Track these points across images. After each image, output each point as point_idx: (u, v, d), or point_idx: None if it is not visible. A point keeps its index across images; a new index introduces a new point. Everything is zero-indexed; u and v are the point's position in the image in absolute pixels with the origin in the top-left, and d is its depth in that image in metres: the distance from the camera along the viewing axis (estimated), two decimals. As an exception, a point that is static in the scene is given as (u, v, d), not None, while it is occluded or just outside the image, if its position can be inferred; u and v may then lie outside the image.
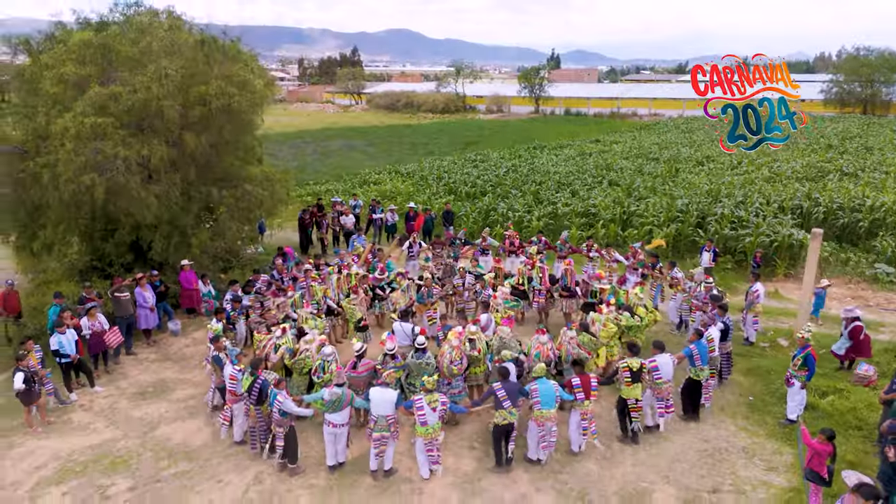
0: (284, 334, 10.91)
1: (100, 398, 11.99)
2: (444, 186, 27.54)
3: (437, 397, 9.04)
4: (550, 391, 9.33)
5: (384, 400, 9.11)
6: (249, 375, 9.63)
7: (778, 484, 9.23)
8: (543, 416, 9.30)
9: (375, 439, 9.13)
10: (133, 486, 9.49)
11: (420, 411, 8.96)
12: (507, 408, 9.15)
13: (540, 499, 9.09)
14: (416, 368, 10.08)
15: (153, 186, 13.11)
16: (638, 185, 24.75)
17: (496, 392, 9.18)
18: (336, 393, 9.05)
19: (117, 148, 12.20)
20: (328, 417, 9.19)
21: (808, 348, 10.29)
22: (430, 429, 9.06)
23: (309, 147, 45.99)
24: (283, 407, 9.10)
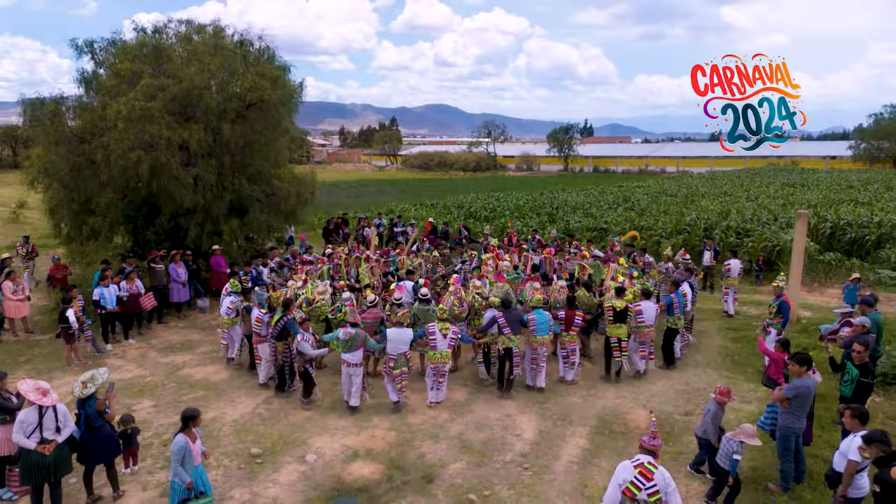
0: (305, 285, 12.03)
1: (132, 349, 13.17)
2: (464, 212, 28.82)
3: (449, 325, 9.97)
4: (545, 320, 10.36)
5: (401, 338, 9.89)
6: (280, 312, 10.59)
7: (747, 411, 9.77)
8: (538, 341, 10.37)
9: (396, 376, 9.88)
10: (155, 405, 10.51)
11: (432, 336, 9.89)
12: (506, 334, 10.14)
13: (523, 418, 9.79)
14: (423, 315, 11.01)
15: (191, 169, 14.65)
16: (652, 209, 25.63)
17: (498, 319, 10.16)
18: (350, 332, 9.85)
19: (162, 130, 13.82)
20: (343, 356, 9.98)
21: (783, 297, 10.94)
22: (438, 353, 9.93)
23: (343, 192, 48.15)
24: (299, 347, 9.93)
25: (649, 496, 5.56)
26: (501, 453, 8.72)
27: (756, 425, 7.83)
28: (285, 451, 8.83)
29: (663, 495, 5.61)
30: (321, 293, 11.70)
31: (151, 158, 13.88)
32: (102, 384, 7.46)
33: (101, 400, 7.40)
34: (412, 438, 9.11)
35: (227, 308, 11.42)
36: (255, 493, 7.79)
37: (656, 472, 5.64)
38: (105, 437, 7.38)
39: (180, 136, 14.26)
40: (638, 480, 5.62)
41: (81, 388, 7.22)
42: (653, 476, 5.62)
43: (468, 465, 8.40)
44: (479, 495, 7.67)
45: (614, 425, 9.40)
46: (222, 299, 11.84)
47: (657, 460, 5.78)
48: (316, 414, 9.98)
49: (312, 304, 11.67)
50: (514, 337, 10.21)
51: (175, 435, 6.58)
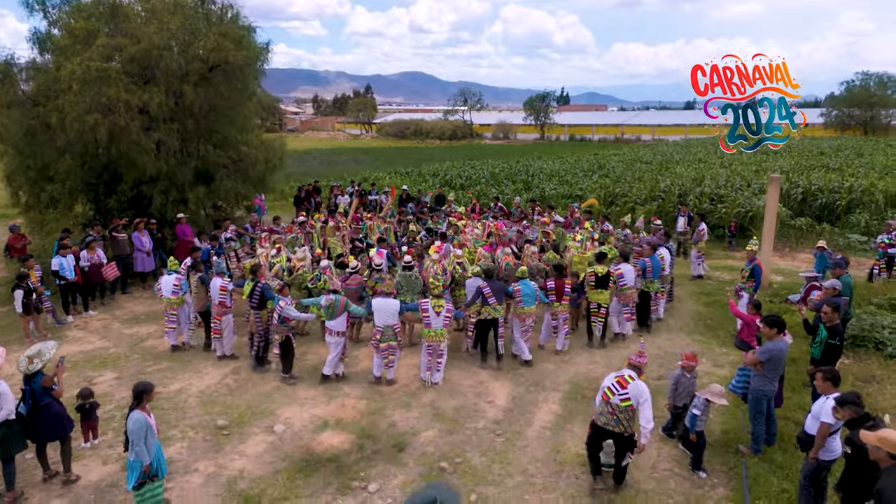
0: (279, 253, 11.68)
1: (94, 321, 12.76)
2: (439, 180, 28.49)
3: (443, 303, 9.53)
4: (531, 291, 10.12)
5: (387, 309, 9.45)
6: (250, 281, 10.18)
7: (720, 374, 9.78)
8: (525, 312, 10.13)
9: (383, 349, 9.47)
10: (118, 377, 10.18)
11: (425, 313, 9.53)
12: (492, 304, 9.87)
13: (496, 385, 9.68)
14: (406, 282, 10.79)
15: (153, 134, 14.09)
16: (626, 176, 25.55)
17: (483, 290, 9.90)
18: (331, 299, 9.53)
19: (119, 93, 13.22)
20: (327, 324, 9.69)
21: (756, 261, 10.92)
22: (432, 332, 9.49)
23: (316, 160, 47.33)
24: (284, 312, 9.49)
25: (621, 401, 6.39)
26: (473, 420, 8.61)
27: (728, 388, 7.80)
28: (253, 421, 8.61)
29: (634, 403, 6.37)
30: (301, 260, 11.37)
31: (109, 122, 13.30)
32: (50, 359, 7.13)
33: (47, 377, 7.06)
34: (383, 407, 8.95)
35: (174, 286, 10.70)
36: (220, 465, 7.58)
37: (632, 383, 6.42)
38: (52, 414, 7.06)
39: (139, 99, 13.67)
40: (614, 387, 6.49)
41: (27, 363, 6.88)
42: (627, 385, 6.42)
43: (440, 432, 8.27)
44: (451, 463, 7.55)
45: (587, 390, 9.34)
46: (161, 281, 11.06)
47: (641, 377, 6.54)
48: (285, 384, 9.75)
49: (294, 273, 11.33)
50: (500, 307, 9.97)
51: (129, 412, 6.28)
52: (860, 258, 17.63)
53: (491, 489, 7.00)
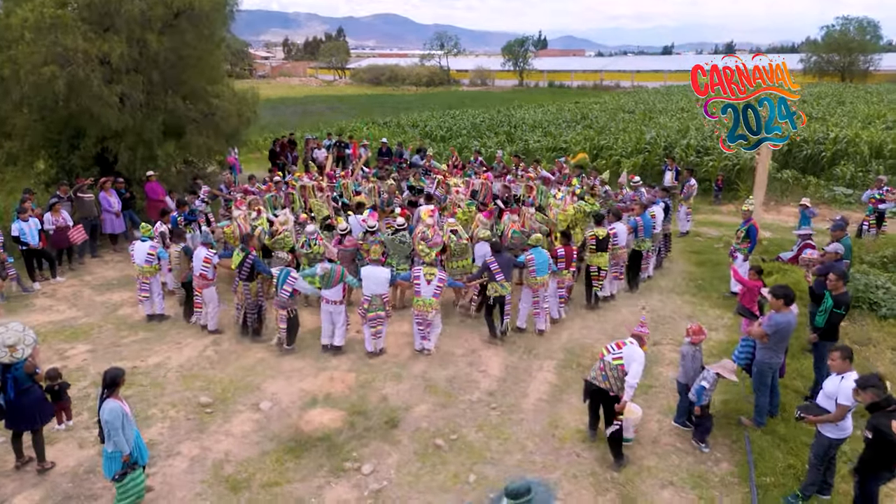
0: (260, 216, 11.07)
1: (63, 287, 12.14)
2: (419, 132, 27.70)
3: (435, 271, 9.09)
4: (545, 259, 9.60)
5: (377, 278, 9.04)
6: (240, 252, 9.53)
7: (716, 339, 9.60)
8: (538, 282, 9.59)
9: (370, 319, 9.09)
10: (92, 349, 9.68)
11: (417, 281, 9.08)
12: (499, 280, 9.35)
13: (488, 353, 9.39)
14: (392, 246, 10.34)
15: (115, 86, 13.17)
16: (610, 127, 25.05)
17: (490, 265, 9.37)
18: (327, 268, 9.03)
19: (77, 42, 12.26)
20: (323, 293, 9.20)
21: (751, 221, 10.65)
22: (422, 300, 9.06)
23: (289, 110, 45.82)
24: (296, 285, 9.02)
25: (613, 359, 6.47)
26: (467, 392, 8.34)
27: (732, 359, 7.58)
28: (237, 398, 8.23)
29: (626, 364, 6.36)
30: (283, 223, 10.78)
31: (67, 74, 12.36)
32: (31, 345, 6.61)
33: (29, 362, 6.58)
34: (373, 380, 8.62)
35: (148, 255, 10.04)
36: (205, 447, 7.22)
37: (628, 346, 6.46)
38: (35, 399, 6.60)
39: (99, 48, 12.70)
40: (611, 346, 6.62)
41: (9, 352, 6.34)
42: (622, 347, 6.48)
43: (433, 406, 7.99)
44: (446, 439, 7.29)
45: (582, 358, 9.10)
46: (133, 247, 10.36)
47: (643, 347, 6.52)
48: (270, 356, 9.36)
49: (275, 237, 10.77)
50: (507, 284, 9.44)
51: (101, 401, 5.84)
52: (846, 211, 17.56)
53: (489, 468, 6.76)
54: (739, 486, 6.31)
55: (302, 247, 10.45)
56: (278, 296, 9.13)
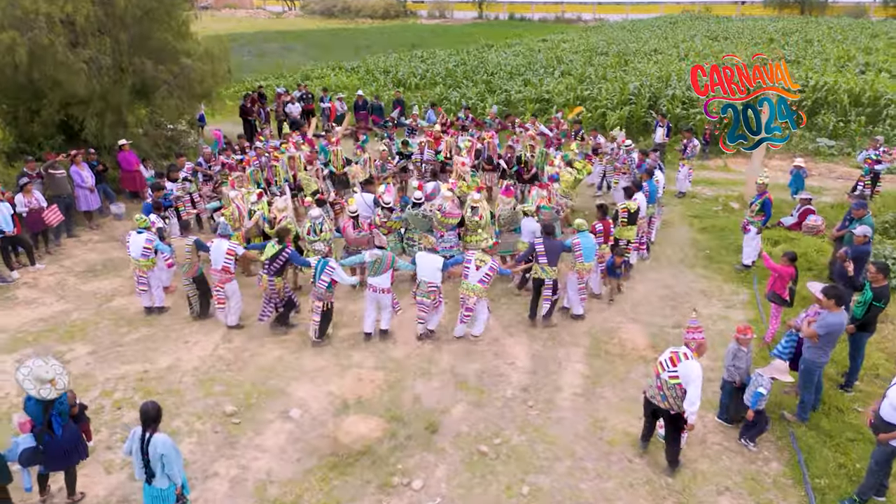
0: (260, 199, 10.39)
1: (44, 275, 11.35)
2: (391, 79, 26.58)
3: (487, 259, 8.79)
4: (591, 244, 9.37)
5: (430, 266, 8.82)
6: (277, 244, 8.96)
7: (736, 318, 9.59)
8: (584, 268, 9.42)
9: (419, 303, 8.99)
10: (93, 350, 9.11)
11: (467, 264, 8.84)
12: (541, 263, 9.13)
13: (512, 341, 9.22)
14: (413, 220, 10.04)
15: (81, 51, 12.00)
16: (590, 74, 24.48)
17: (535, 247, 9.13)
18: (376, 254, 8.74)
19: (38, 3, 11.03)
20: (369, 280, 8.89)
21: (766, 194, 10.57)
22: (466, 285, 8.85)
23: (243, 49, 43.37)
24: (334, 275, 8.66)
25: (670, 377, 6.16)
26: (499, 388, 8.18)
27: (772, 354, 7.59)
28: (263, 404, 7.89)
29: (683, 382, 6.08)
30: (282, 210, 10.17)
31: (29, 41, 11.18)
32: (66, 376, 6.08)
33: (71, 393, 6.09)
34: (402, 378, 8.37)
35: (144, 249, 9.37)
36: (242, 466, 6.91)
37: (683, 362, 6.10)
38: (74, 434, 6.12)
39: (62, 9, 11.47)
40: (665, 362, 6.24)
41: (51, 387, 5.77)
42: (678, 363, 6.12)
43: (469, 406, 7.82)
44: (490, 444, 7.16)
45: (608, 345, 9.01)
46: (128, 238, 9.66)
47: (695, 354, 6.19)
48: (287, 353, 8.98)
49: (275, 225, 10.14)
50: (550, 269, 9.19)
51: (145, 439, 5.43)
52: (829, 164, 17.75)
53: (542, 478, 6.67)
54: (794, 488, 6.39)
55: (308, 233, 9.89)
56: (316, 287, 8.76)
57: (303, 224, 10.19)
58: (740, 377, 6.98)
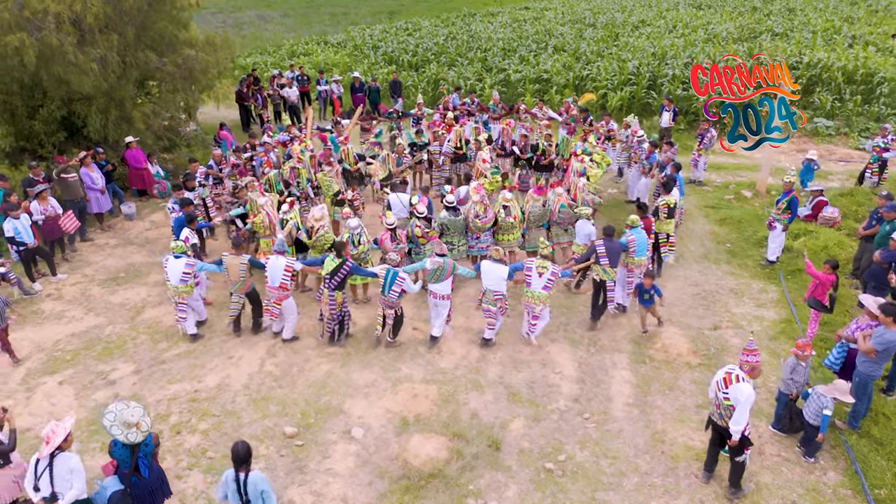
0: (292, 208, 10.22)
1: (67, 286, 11.12)
2: (382, 56, 26.07)
3: (548, 265, 8.88)
4: (644, 240, 9.71)
5: (495, 274, 8.91)
6: (336, 258, 8.87)
7: (769, 318, 9.90)
8: (635, 262, 9.74)
9: (485, 310, 9.15)
10: (137, 369, 9.02)
11: (528, 272, 8.93)
12: (603, 265, 9.34)
13: (554, 348, 9.37)
14: (452, 225, 10.08)
15: (91, 50, 11.52)
16: (584, 50, 24.31)
17: (596, 248, 9.34)
18: (437, 262, 8.82)
19: (46, 2, 10.51)
20: (430, 286, 9.04)
21: (792, 192, 10.78)
22: (530, 293, 8.96)
23: (216, 19, 41.94)
24: (404, 286, 8.77)
25: (724, 399, 6.37)
26: (551, 399, 8.35)
27: (824, 364, 7.84)
28: (323, 424, 7.94)
29: (734, 403, 6.25)
30: (319, 219, 10.02)
31: (38, 42, 10.69)
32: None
33: (155, 434, 6.06)
34: (455, 391, 8.47)
35: (184, 274, 9.01)
36: (316, 492, 6.99)
37: (734, 385, 6.27)
38: (157, 474, 6.09)
39: (71, 8, 10.96)
40: (720, 383, 6.44)
41: (137, 430, 5.70)
42: (730, 385, 6.31)
43: (526, 420, 7.97)
44: (555, 461, 7.35)
45: (651, 350, 9.21)
46: (164, 262, 9.24)
47: (749, 375, 6.32)
48: (335, 366, 9.00)
49: (315, 235, 10.02)
50: (612, 270, 9.38)
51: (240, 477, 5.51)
52: (829, 145, 18.10)
53: (612, 495, 6.89)
54: (854, 499, 6.71)
55: (346, 244, 9.81)
56: (387, 296, 8.86)
57: (340, 234, 10.09)
58: (797, 390, 7.23)
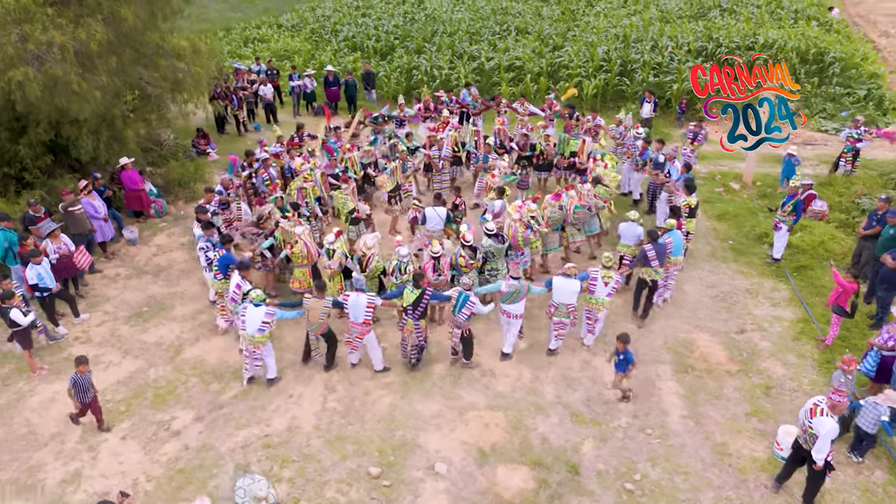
0: (339, 238, 10.16)
1: (93, 327, 10.77)
2: (344, 42, 25.44)
3: (613, 275, 9.61)
4: (680, 241, 10.56)
5: (569, 289, 9.45)
6: (415, 288, 9.02)
7: (787, 317, 10.73)
8: (671, 261, 10.52)
9: (555, 323, 9.72)
10: (197, 415, 8.97)
11: (593, 282, 9.53)
12: (653, 266, 10.07)
13: (598, 361, 9.89)
14: (498, 252, 10.33)
15: (91, 77, 10.93)
16: (548, 33, 24.49)
17: (647, 252, 10.01)
18: (514, 285, 9.24)
19: (51, 33, 9.88)
20: (504, 307, 9.47)
21: (798, 195, 11.53)
22: (594, 299, 9.68)
23: None
24: (474, 309, 9.07)
25: (809, 427, 7.03)
26: (611, 416, 8.89)
27: (861, 372, 8.63)
28: (404, 461, 8.22)
29: (816, 433, 6.93)
30: (370, 248, 10.01)
31: (43, 75, 10.10)
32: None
33: None
34: (520, 416, 8.87)
35: (263, 323, 8.79)
36: (420, 535, 7.31)
37: (818, 418, 6.94)
38: None
39: (75, 37, 10.34)
40: (807, 412, 7.11)
41: None
42: (814, 416, 6.98)
43: (595, 441, 8.48)
44: (632, 481, 7.91)
45: (690, 359, 9.85)
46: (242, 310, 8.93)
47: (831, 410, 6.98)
48: (397, 398, 9.22)
49: (368, 264, 10.04)
50: (661, 270, 10.20)
51: None
52: (792, 129, 19.15)
53: (694, 511, 7.52)
54: (902, 496, 7.59)
55: (392, 273, 9.93)
56: (456, 317, 9.14)
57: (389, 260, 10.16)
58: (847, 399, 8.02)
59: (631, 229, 10.83)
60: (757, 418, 8.74)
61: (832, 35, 24.49)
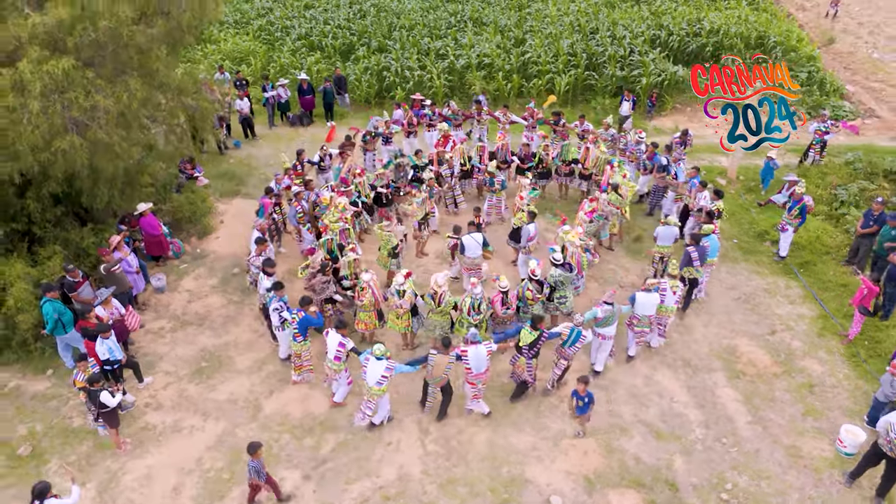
0: (408, 279, 10.38)
1: (159, 390, 10.57)
2: (300, 42, 24.67)
3: (679, 284, 10.67)
4: (716, 244, 11.73)
5: (650, 303, 10.43)
6: (533, 330, 9.51)
7: (807, 315, 12.00)
8: (709, 262, 11.70)
9: (637, 332, 10.79)
10: (304, 474, 9.17)
11: (663, 292, 10.49)
12: (696, 266, 11.32)
13: (657, 375, 10.79)
14: (566, 280, 10.88)
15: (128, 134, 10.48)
16: (505, 24, 24.78)
17: (690, 254, 11.24)
18: (608, 310, 10.07)
19: (93, 96, 9.39)
20: (598, 329, 10.27)
21: (803, 200, 12.71)
22: (664, 307, 10.67)
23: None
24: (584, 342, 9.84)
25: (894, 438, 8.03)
26: (686, 429, 9.82)
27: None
28: (519, 497, 8.81)
29: None
30: (441, 285, 10.23)
31: (88, 141, 9.64)
32: None
33: None
34: (609, 440, 9.63)
35: (382, 377, 9.08)
36: (561, 569, 7.98)
37: None
38: None
39: (118, 98, 9.84)
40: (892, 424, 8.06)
41: None
42: None
43: (681, 457, 9.37)
44: (726, 491, 8.89)
45: (738, 365, 10.92)
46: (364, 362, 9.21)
47: None
48: (489, 433, 9.74)
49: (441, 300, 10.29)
50: (701, 269, 11.37)
51: None
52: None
53: (786, 514, 8.60)
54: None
55: (469, 312, 10.33)
56: (565, 350, 9.80)
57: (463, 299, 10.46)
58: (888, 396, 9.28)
59: (670, 231, 11.87)
60: (812, 417, 9.91)
61: (761, 15, 25.96)
